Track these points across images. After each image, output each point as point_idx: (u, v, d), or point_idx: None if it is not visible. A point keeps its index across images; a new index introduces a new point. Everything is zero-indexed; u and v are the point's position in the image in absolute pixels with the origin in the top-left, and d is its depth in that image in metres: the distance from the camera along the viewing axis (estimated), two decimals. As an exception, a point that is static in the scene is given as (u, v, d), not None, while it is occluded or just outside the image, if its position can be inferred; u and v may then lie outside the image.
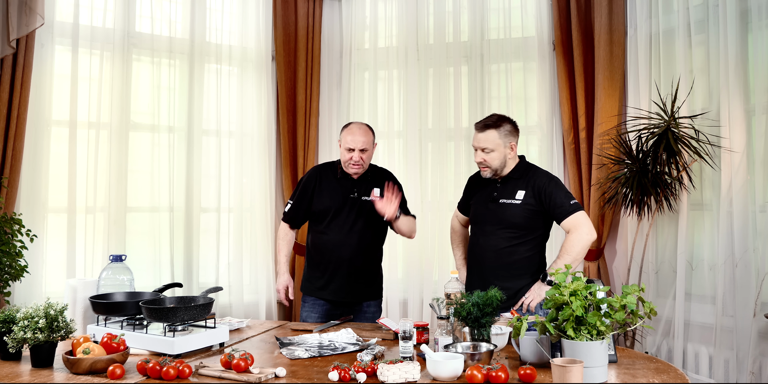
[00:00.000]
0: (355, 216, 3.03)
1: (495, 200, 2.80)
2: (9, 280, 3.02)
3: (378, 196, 3.00)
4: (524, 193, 2.76)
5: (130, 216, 3.85)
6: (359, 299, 3.09)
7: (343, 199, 3.05)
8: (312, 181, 3.11)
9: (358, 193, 3.06)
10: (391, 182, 3.02)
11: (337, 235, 3.03)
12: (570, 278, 2.01)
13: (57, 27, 3.64)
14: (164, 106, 4.00)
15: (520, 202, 2.75)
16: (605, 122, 3.87)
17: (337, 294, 3.05)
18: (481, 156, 2.76)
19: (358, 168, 3.02)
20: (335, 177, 3.09)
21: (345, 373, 1.89)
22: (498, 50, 4.21)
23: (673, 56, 3.66)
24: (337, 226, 3.04)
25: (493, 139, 2.73)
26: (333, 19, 4.54)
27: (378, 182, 3.10)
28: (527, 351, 2.05)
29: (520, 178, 2.80)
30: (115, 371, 1.92)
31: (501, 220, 2.77)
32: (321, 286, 3.07)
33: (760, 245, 3.19)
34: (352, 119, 4.44)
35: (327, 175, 3.12)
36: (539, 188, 2.74)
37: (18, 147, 3.39)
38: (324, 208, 3.05)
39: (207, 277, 4.12)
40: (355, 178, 3.07)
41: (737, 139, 3.30)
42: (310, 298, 3.10)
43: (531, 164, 2.88)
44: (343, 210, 3.04)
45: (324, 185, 3.09)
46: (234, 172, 4.24)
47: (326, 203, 3.05)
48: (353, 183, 3.07)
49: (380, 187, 3.07)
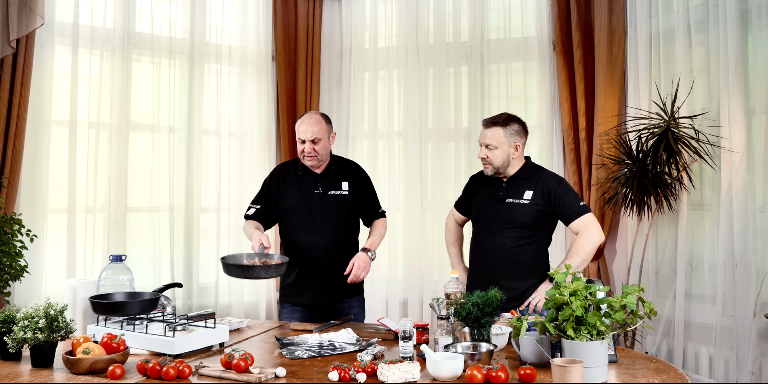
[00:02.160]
0: (324, 212, 2.91)
1: (501, 200, 2.79)
2: (9, 280, 3.02)
3: None
4: (532, 193, 2.75)
5: (130, 216, 3.85)
6: (341, 298, 2.96)
7: (308, 196, 2.93)
8: (275, 180, 3.00)
9: (322, 187, 2.94)
10: (352, 265, 2.83)
11: (309, 235, 2.91)
12: (570, 278, 2.01)
13: (57, 27, 3.64)
14: (164, 106, 4.00)
15: (528, 202, 2.74)
16: (605, 122, 3.87)
17: (317, 297, 2.93)
18: (484, 152, 2.76)
19: (312, 160, 2.89)
20: (296, 174, 2.98)
21: (345, 373, 1.89)
22: (498, 50, 4.21)
23: (673, 56, 3.66)
24: (307, 225, 2.92)
25: (497, 137, 2.73)
26: (333, 19, 4.54)
27: (344, 175, 2.99)
28: (527, 351, 2.05)
29: (527, 179, 2.79)
30: (115, 371, 1.92)
31: (508, 219, 2.76)
32: (299, 291, 2.95)
33: (760, 245, 3.19)
34: (352, 119, 4.45)
35: (289, 173, 3.00)
36: (548, 189, 2.74)
37: (18, 147, 3.39)
38: (290, 208, 2.95)
39: (207, 277, 4.13)
40: (318, 172, 2.96)
41: (737, 139, 3.30)
42: (288, 304, 3.00)
43: (538, 165, 2.87)
44: (311, 207, 2.92)
45: (287, 183, 2.98)
46: (234, 172, 4.24)
47: (291, 201, 2.94)
48: (316, 178, 2.96)
49: (347, 181, 2.97)
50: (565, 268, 2.06)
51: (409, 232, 4.29)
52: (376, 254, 2.95)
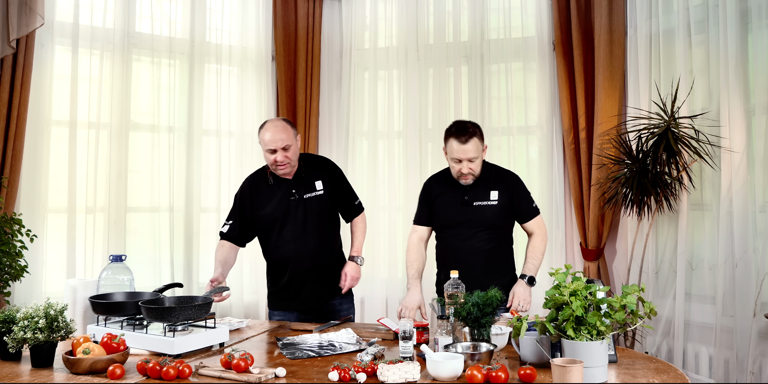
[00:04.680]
0: (303, 218, 2.83)
1: (468, 203, 2.76)
2: (9, 280, 3.02)
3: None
4: (497, 193, 2.75)
5: (130, 216, 3.85)
6: (332, 297, 2.92)
7: (285, 204, 2.83)
8: (247, 193, 2.89)
9: (297, 193, 2.84)
10: (345, 277, 2.85)
11: (293, 244, 2.83)
12: (570, 278, 2.01)
13: (57, 27, 3.64)
14: (164, 106, 4.00)
15: (497, 203, 2.75)
16: (605, 122, 3.87)
17: (308, 302, 2.90)
18: (468, 166, 2.68)
19: (286, 168, 2.79)
20: (267, 184, 2.87)
21: (345, 373, 1.89)
22: (498, 50, 4.21)
23: (673, 56, 3.66)
24: (288, 233, 2.83)
25: (476, 148, 2.67)
26: (333, 19, 4.54)
27: (315, 174, 2.88)
28: (527, 351, 2.05)
29: (489, 179, 2.78)
30: (115, 371, 1.92)
31: (480, 222, 2.75)
32: (290, 298, 2.91)
33: (760, 245, 3.19)
34: (352, 119, 4.45)
35: (260, 183, 2.89)
36: (511, 187, 2.77)
37: (18, 147, 3.39)
38: (269, 219, 2.85)
39: (207, 277, 4.09)
40: (289, 178, 2.86)
41: (737, 139, 3.30)
42: (277, 311, 2.96)
43: (490, 163, 2.86)
44: (289, 216, 2.83)
45: (260, 195, 2.87)
46: (234, 172, 4.23)
47: (269, 214, 2.84)
48: (289, 184, 2.85)
49: (320, 179, 2.87)
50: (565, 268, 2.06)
51: (407, 233, 4.27)
52: (364, 258, 2.95)
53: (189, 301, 2.36)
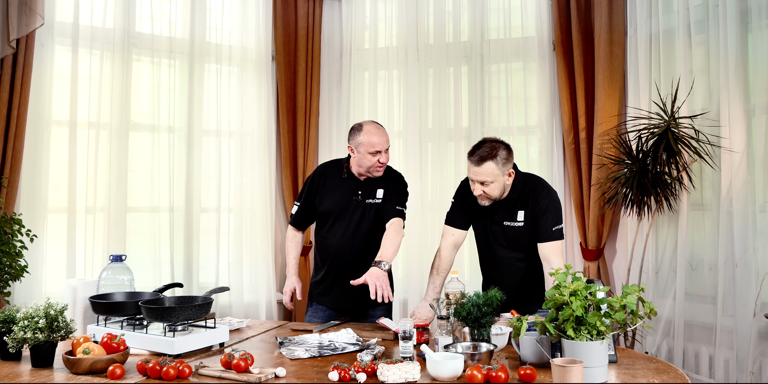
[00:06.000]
0: (358, 219, 2.84)
1: (498, 223, 2.67)
2: (9, 280, 3.02)
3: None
4: (523, 213, 2.63)
5: (130, 216, 3.85)
6: (363, 307, 2.88)
7: (346, 201, 2.85)
8: (317, 180, 2.94)
9: (362, 195, 2.85)
10: (375, 288, 2.50)
11: (339, 241, 2.86)
12: (570, 278, 2.01)
13: (57, 27, 3.64)
14: (164, 106, 4.00)
15: (522, 225, 2.63)
16: (605, 122, 3.87)
17: (338, 301, 2.91)
18: (479, 189, 2.56)
19: (381, 170, 2.83)
20: (340, 177, 2.90)
21: (345, 373, 1.89)
22: (498, 50, 4.21)
23: (673, 56, 3.66)
24: (339, 230, 2.86)
25: (491, 172, 2.52)
26: (333, 19, 4.54)
27: (381, 182, 2.88)
28: (527, 351, 2.05)
29: (518, 198, 2.65)
30: (115, 371, 1.92)
31: (510, 242, 2.67)
32: (322, 292, 2.94)
33: (760, 245, 3.19)
34: (352, 119, 4.45)
35: (332, 174, 2.93)
36: (535, 206, 2.62)
37: (18, 147, 3.39)
38: (326, 210, 2.89)
39: (207, 277, 4.13)
40: (362, 179, 2.87)
41: (737, 139, 3.30)
42: (314, 303, 2.99)
43: (527, 177, 2.70)
44: (346, 213, 2.85)
45: (328, 186, 2.91)
46: (234, 172, 4.24)
47: (328, 205, 2.88)
48: (358, 184, 2.87)
49: (382, 188, 2.86)
50: (565, 268, 2.06)
51: (409, 232, 4.26)
52: (390, 264, 2.66)
53: (189, 301, 2.36)
